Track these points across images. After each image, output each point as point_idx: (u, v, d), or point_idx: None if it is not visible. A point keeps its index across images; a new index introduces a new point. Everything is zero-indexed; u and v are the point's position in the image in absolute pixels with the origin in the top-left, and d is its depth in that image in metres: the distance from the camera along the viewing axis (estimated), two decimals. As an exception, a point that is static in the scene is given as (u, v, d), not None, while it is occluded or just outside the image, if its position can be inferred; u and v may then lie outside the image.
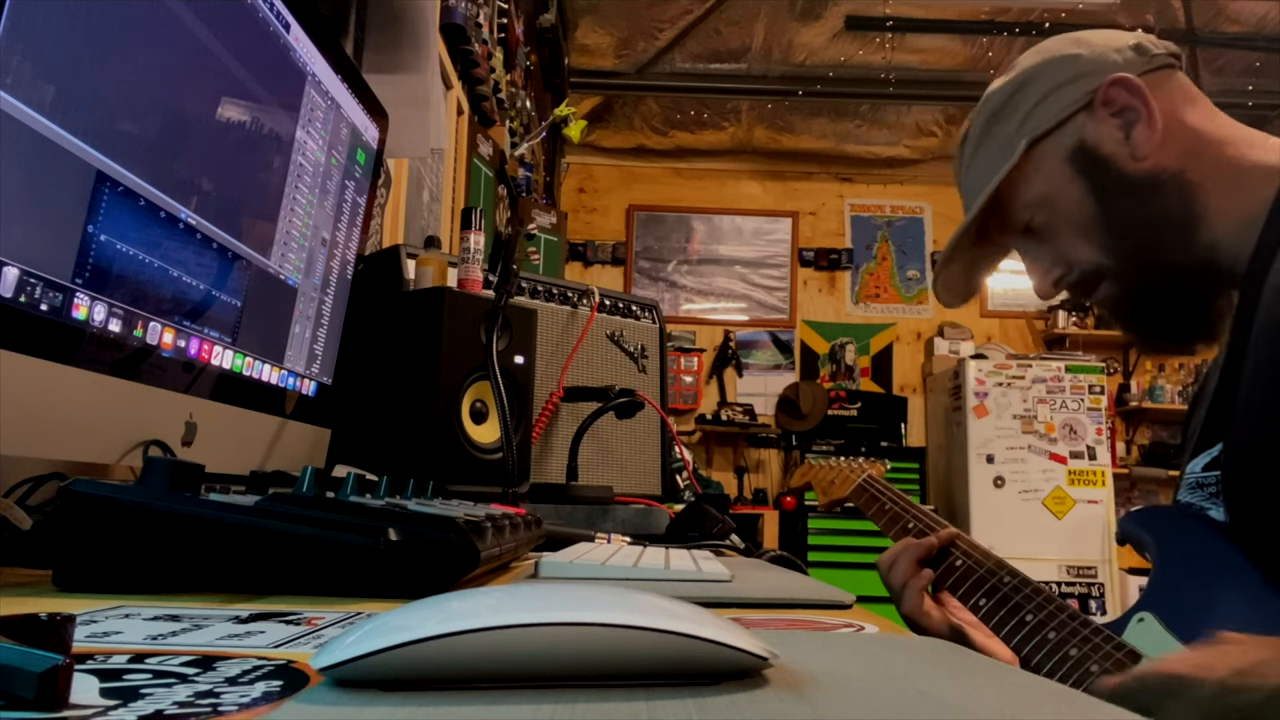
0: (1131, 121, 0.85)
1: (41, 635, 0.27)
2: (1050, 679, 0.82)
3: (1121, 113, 0.86)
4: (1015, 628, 0.88)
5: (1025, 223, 0.91)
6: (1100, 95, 0.86)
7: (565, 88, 5.13)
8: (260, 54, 0.88)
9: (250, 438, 0.96)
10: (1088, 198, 0.87)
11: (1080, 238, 0.88)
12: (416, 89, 1.80)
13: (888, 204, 6.21)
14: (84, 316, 0.65)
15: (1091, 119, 0.87)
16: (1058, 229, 0.89)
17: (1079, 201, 0.87)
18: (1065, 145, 0.88)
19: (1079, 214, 0.87)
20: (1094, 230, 0.87)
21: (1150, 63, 0.87)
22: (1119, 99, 0.86)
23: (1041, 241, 0.92)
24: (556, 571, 0.68)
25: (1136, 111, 0.85)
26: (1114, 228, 0.86)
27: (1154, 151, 0.84)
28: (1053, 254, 0.91)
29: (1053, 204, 0.89)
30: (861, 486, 1.18)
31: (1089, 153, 0.87)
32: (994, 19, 4.50)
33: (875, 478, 1.19)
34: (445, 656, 0.29)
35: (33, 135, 0.58)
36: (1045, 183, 0.89)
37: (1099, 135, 0.86)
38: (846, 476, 1.22)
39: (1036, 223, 0.91)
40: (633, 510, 1.27)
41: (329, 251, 1.11)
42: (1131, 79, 0.85)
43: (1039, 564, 4.65)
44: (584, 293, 1.60)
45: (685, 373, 5.78)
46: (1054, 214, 0.89)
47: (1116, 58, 0.88)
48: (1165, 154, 0.85)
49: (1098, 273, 0.89)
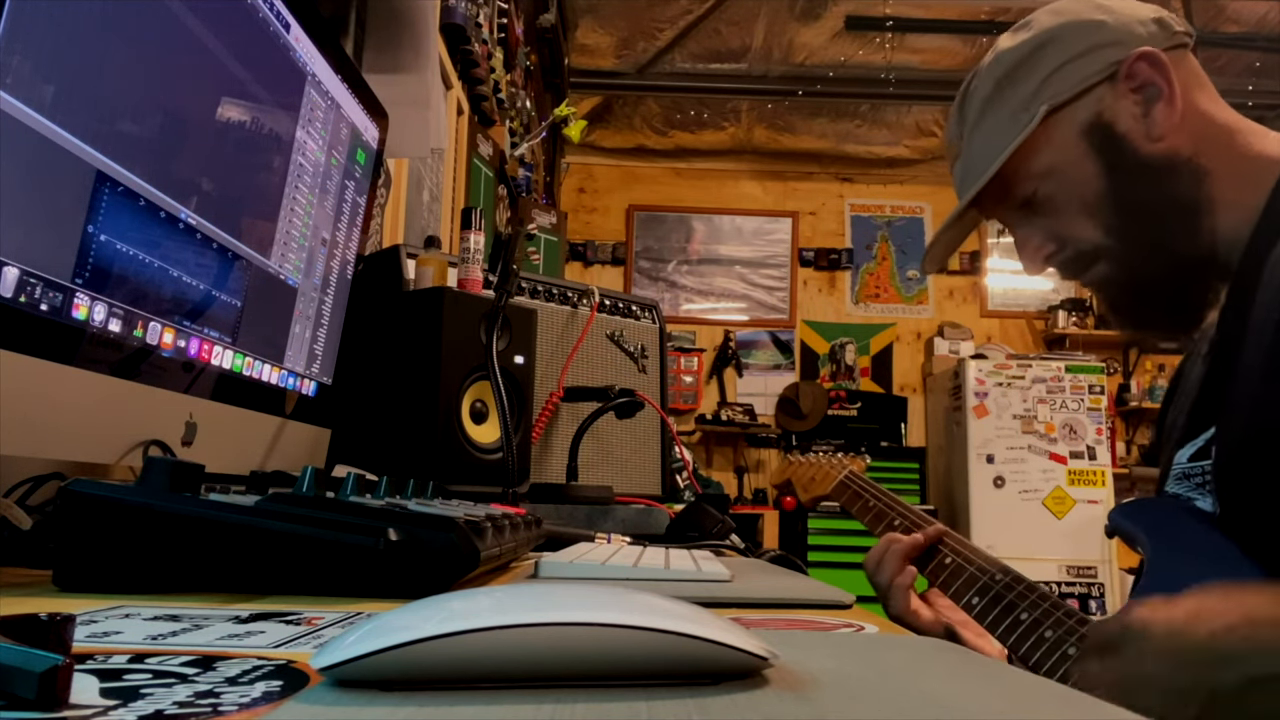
0: (1152, 98, 0.82)
1: (41, 635, 0.27)
2: (1050, 677, 0.82)
3: (1143, 88, 0.83)
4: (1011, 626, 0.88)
5: (1027, 195, 0.88)
6: (1125, 68, 0.83)
7: (565, 88, 5.12)
8: (260, 54, 0.88)
9: (250, 438, 0.96)
10: (1099, 174, 0.84)
11: (1084, 215, 0.85)
12: (416, 89, 1.80)
13: (888, 204, 6.21)
14: (84, 316, 0.65)
15: (1112, 92, 0.83)
16: (1061, 204, 0.86)
17: (1090, 178, 0.84)
18: (1081, 118, 0.84)
19: (1088, 190, 0.84)
20: (1100, 209, 0.84)
21: (1172, 39, 0.84)
22: (1143, 74, 0.82)
23: (1040, 215, 0.88)
24: (556, 571, 0.68)
25: (1158, 89, 0.82)
26: (1122, 208, 0.84)
27: (1171, 132, 0.82)
28: (1048, 229, 0.88)
29: (1061, 177, 0.85)
30: (843, 483, 1.17)
31: (1105, 128, 0.83)
32: (994, 19, 4.50)
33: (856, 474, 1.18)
34: (445, 656, 0.29)
35: (33, 135, 0.58)
36: (1055, 154, 0.85)
37: (1117, 110, 0.83)
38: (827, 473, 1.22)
39: (1040, 195, 0.87)
40: (633, 510, 1.27)
41: (329, 251, 1.11)
42: (1158, 54, 0.82)
43: (1039, 564, 4.65)
44: (584, 293, 1.59)
45: (685, 373, 5.78)
46: (1061, 188, 0.86)
47: (1141, 30, 0.84)
48: (1180, 136, 0.82)
49: (1095, 253, 0.86)
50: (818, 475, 1.24)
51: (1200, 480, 0.81)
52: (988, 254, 5.99)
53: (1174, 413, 0.90)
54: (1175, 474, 0.86)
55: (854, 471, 1.19)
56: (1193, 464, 0.83)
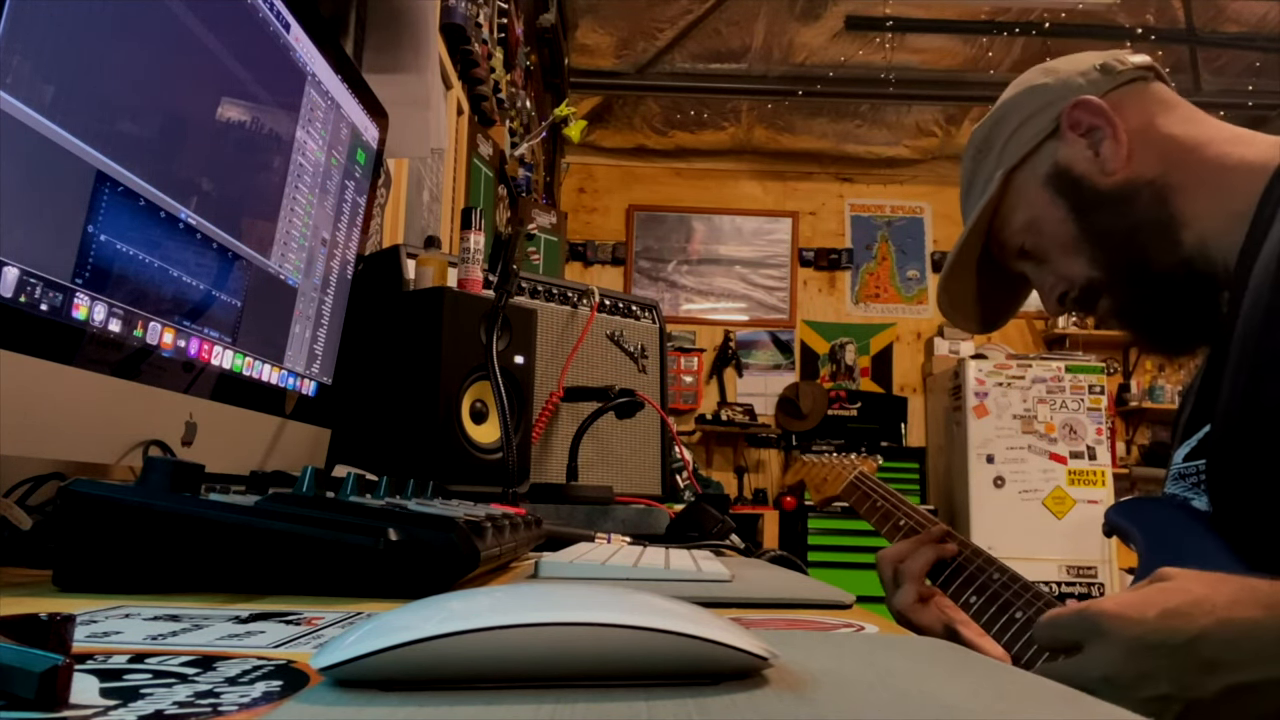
0: (1099, 139, 0.88)
1: (41, 635, 0.27)
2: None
3: (1088, 133, 0.89)
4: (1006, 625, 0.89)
5: (1019, 248, 0.95)
6: (1065, 119, 0.90)
7: (565, 88, 5.13)
8: (260, 54, 0.88)
9: (250, 438, 0.96)
10: (1069, 217, 0.90)
11: (1069, 255, 0.91)
12: (416, 89, 1.80)
13: (888, 204, 6.21)
14: (84, 316, 0.65)
15: (1062, 142, 0.91)
16: (1047, 250, 0.93)
17: (1061, 221, 0.91)
18: (1041, 171, 0.92)
19: (1063, 233, 0.91)
20: (1080, 246, 0.90)
21: (1115, 80, 0.91)
22: (1084, 120, 0.89)
23: (1039, 263, 0.95)
24: (556, 571, 0.68)
25: (1101, 130, 0.88)
26: (1096, 241, 0.89)
27: (1124, 164, 0.87)
28: (1052, 274, 0.94)
29: (1039, 227, 0.93)
30: (853, 484, 1.19)
31: (1063, 174, 0.90)
32: (994, 19, 4.50)
33: (866, 475, 1.20)
34: (445, 656, 0.29)
35: (33, 135, 0.58)
36: (1029, 208, 0.93)
37: (1070, 157, 0.90)
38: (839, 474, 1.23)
39: (1029, 246, 0.94)
40: (633, 510, 1.27)
41: (329, 251, 1.11)
42: (1092, 100, 0.89)
43: (1039, 564, 4.65)
44: (584, 293, 1.59)
45: (685, 373, 5.78)
46: (1041, 236, 0.93)
47: (1080, 80, 0.92)
48: (1138, 164, 0.87)
49: (1092, 286, 0.91)
50: (830, 476, 1.25)
51: (1195, 480, 0.82)
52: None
53: (1182, 417, 0.91)
54: (1173, 473, 0.87)
55: (864, 472, 1.20)
56: (1188, 463, 0.84)
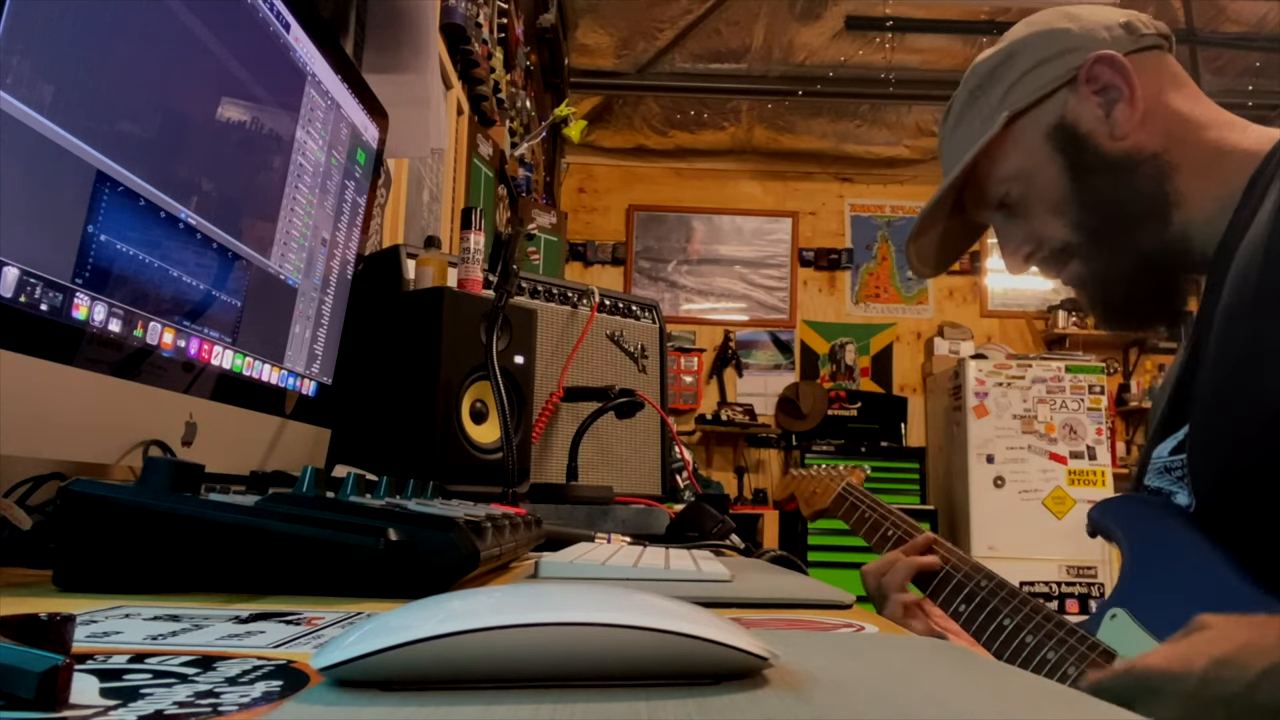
0: (1113, 100, 0.85)
1: (41, 635, 0.27)
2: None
3: (1104, 90, 0.85)
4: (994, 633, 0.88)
5: (1000, 197, 0.91)
6: (1084, 72, 0.86)
7: (565, 88, 5.13)
8: (260, 54, 0.88)
9: (250, 438, 0.96)
10: (1063, 175, 0.87)
11: (1053, 214, 0.88)
12: (416, 89, 1.80)
13: (888, 204, 6.21)
14: (84, 316, 0.65)
15: (1074, 95, 0.86)
16: (1031, 205, 0.89)
17: (1055, 178, 0.87)
18: (1045, 121, 0.88)
19: (1054, 191, 0.87)
20: (1067, 207, 0.87)
21: (1138, 42, 0.87)
22: (1102, 76, 0.85)
23: (1015, 217, 0.91)
24: (556, 571, 0.68)
25: (1119, 90, 0.85)
26: (1087, 205, 0.86)
27: (1133, 131, 0.84)
28: (1024, 230, 0.91)
29: (1029, 179, 0.89)
30: (841, 495, 1.18)
31: (1068, 129, 0.86)
32: (994, 19, 4.50)
33: (854, 485, 1.19)
34: (445, 656, 0.29)
35: (33, 135, 0.58)
36: (1023, 158, 0.89)
37: (1079, 112, 0.86)
38: (827, 486, 1.22)
39: (1011, 198, 0.90)
40: (633, 510, 1.27)
41: (329, 251, 1.11)
42: (1117, 57, 0.85)
43: (1039, 564, 4.65)
44: (584, 293, 1.59)
45: (685, 373, 5.78)
46: (1029, 189, 0.89)
47: (1105, 34, 0.87)
48: (1145, 134, 0.84)
49: (1067, 250, 0.89)
50: (818, 489, 1.24)
51: (1180, 474, 0.81)
52: (988, 254, 6.00)
53: (1157, 409, 0.91)
54: (1156, 468, 0.86)
55: (851, 484, 1.19)
56: (1173, 457, 0.83)
